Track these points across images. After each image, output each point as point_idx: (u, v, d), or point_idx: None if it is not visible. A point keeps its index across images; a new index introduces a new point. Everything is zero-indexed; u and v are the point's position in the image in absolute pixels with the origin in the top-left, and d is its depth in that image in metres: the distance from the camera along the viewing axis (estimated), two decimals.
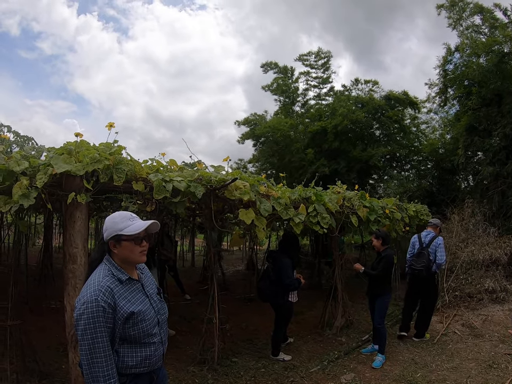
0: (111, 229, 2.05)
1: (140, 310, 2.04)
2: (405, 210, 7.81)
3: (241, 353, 5.05)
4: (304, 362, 4.84)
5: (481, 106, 11.10)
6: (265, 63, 16.67)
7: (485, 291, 7.29)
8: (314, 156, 13.77)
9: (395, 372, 4.52)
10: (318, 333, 5.93)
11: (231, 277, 11.51)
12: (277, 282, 4.81)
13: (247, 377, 4.34)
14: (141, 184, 3.59)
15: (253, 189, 4.17)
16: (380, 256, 5.01)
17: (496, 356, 4.92)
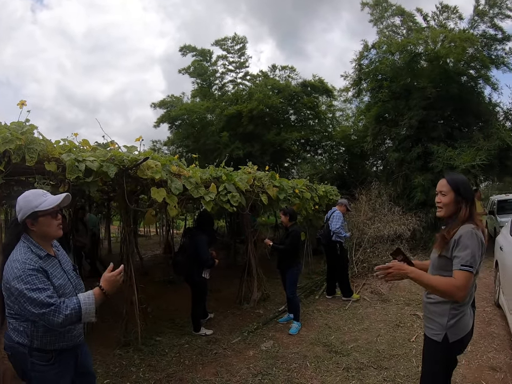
0: (26, 208, 2.05)
1: (60, 284, 2.09)
2: (315, 191, 8.33)
3: (164, 332, 5.10)
4: (226, 335, 5.02)
5: (390, 99, 12.22)
6: (184, 46, 16.52)
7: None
8: (229, 139, 14.03)
9: (311, 336, 4.84)
10: (237, 307, 6.17)
11: (149, 262, 11.47)
12: (193, 258, 4.99)
13: (172, 353, 4.41)
14: (54, 164, 3.46)
15: (165, 168, 4.23)
16: (287, 232, 5.33)
17: (402, 316, 5.42)
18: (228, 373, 3.94)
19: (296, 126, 15.94)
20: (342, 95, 15.77)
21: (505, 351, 4.10)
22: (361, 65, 13.02)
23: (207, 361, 4.23)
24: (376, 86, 12.68)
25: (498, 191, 26.19)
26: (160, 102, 16.49)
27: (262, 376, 3.81)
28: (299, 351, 4.40)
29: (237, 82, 16.77)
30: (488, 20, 11.47)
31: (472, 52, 11.07)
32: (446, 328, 2.12)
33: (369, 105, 13.89)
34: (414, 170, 11.25)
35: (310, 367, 3.99)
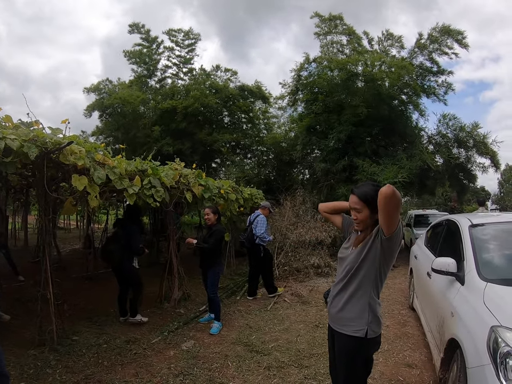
0: None
1: None
2: (240, 193, 8.43)
3: (82, 331, 4.83)
4: (146, 335, 4.87)
5: (323, 112, 12.77)
6: (134, 23, 15.79)
7: (311, 266, 8.46)
8: (161, 134, 13.80)
9: (232, 336, 4.84)
10: (157, 307, 6.01)
11: (67, 256, 10.96)
12: (125, 247, 5.11)
13: (90, 354, 4.19)
14: None
15: (89, 156, 4.02)
16: (211, 231, 5.28)
17: (321, 318, 5.59)
18: (148, 373, 3.81)
19: (229, 128, 15.98)
20: (278, 103, 16.17)
21: (419, 350, 4.38)
22: (300, 76, 13.38)
23: (127, 362, 4.07)
24: (311, 98, 13.09)
25: (416, 206, 28.40)
26: (94, 86, 15.65)
27: (184, 376, 3.73)
28: (220, 351, 4.38)
29: (178, 77, 16.44)
30: (427, 53, 12.42)
31: (407, 79, 11.90)
32: (368, 323, 2.18)
33: (302, 115, 14.27)
34: (339, 181, 11.83)
35: (231, 366, 3.98)
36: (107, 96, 15.15)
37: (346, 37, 13.32)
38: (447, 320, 3.02)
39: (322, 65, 12.70)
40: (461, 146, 12.11)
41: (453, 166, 12.09)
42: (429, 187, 13.18)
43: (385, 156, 11.71)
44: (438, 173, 11.93)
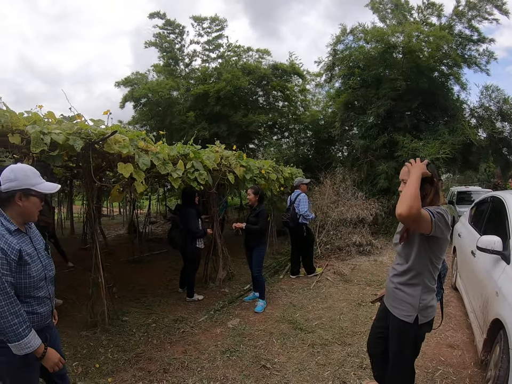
0: (22, 181, 1.97)
1: (28, 252, 2.00)
2: (281, 172, 8.39)
3: (131, 312, 5.07)
4: (192, 314, 5.04)
5: (360, 87, 12.42)
6: (154, 12, 15.89)
7: (352, 244, 8.38)
8: (196, 119, 13.84)
9: (276, 314, 4.93)
10: (203, 286, 6.19)
11: (113, 241, 11.31)
12: (185, 231, 5.44)
13: (140, 333, 4.39)
14: (18, 136, 3.32)
15: (132, 143, 4.11)
16: (254, 211, 5.34)
17: (364, 296, 5.60)
18: (196, 350, 3.96)
19: (265, 108, 15.85)
20: (315, 80, 15.88)
21: (462, 330, 4.32)
22: (336, 50, 13.07)
23: (175, 340, 4.24)
24: (348, 73, 12.80)
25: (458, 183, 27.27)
26: (124, 80, 15.97)
27: (230, 353, 3.86)
28: (265, 329, 4.48)
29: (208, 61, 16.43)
30: (466, 21, 11.80)
31: (446, 50, 11.39)
32: (418, 310, 2.22)
33: (339, 91, 14.00)
34: (378, 158, 11.57)
35: (276, 343, 4.08)
36: (137, 87, 15.41)
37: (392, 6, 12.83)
38: (492, 300, 2.95)
39: (357, 37, 12.38)
40: (505, 119, 11.47)
41: (497, 141, 11.48)
42: (472, 163, 12.51)
43: (426, 131, 11.36)
44: (481, 148, 11.33)
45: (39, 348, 1.95)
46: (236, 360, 3.72)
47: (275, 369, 3.53)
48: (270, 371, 3.50)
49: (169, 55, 16.12)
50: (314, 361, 3.66)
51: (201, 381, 3.35)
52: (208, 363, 3.68)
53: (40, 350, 1.97)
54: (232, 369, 3.55)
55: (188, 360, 3.73)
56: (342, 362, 3.62)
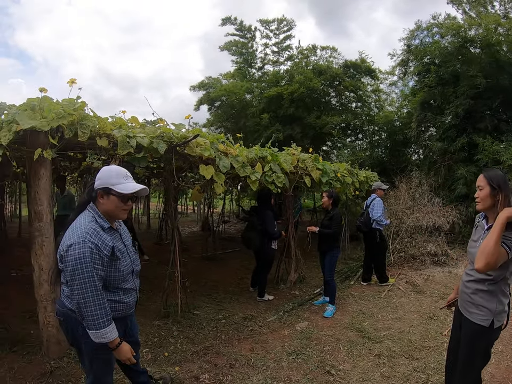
0: (104, 179, 2.12)
1: (120, 248, 2.17)
2: (356, 176, 8.22)
3: (202, 307, 5.28)
4: (262, 313, 5.14)
5: (437, 85, 11.65)
6: (226, 17, 16.24)
7: (427, 254, 7.99)
8: (270, 121, 13.92)
9: (345, 321, 4.89)
10: (273, 287, 6.26)
11: (187, 238, 11.70)
12: (263, 232, 5.54)
13: (209, 327, 4.56)
14: (105, 140, 3.58)
15: (213, 146, 4.28)
16: (329, 215, 5.32)
17: (435, 309, 5.35)
18: (263, 349, 4.04)
19: (338, 109, 15.57)
20: (388, 78, 15.46)
21: None
22: (409, 45, 12.56)
23: (243, 337, 4.35)
24: (423, 69, 12.16)
25: None
26: (199, 84, 16.46)
27: (296, 355, 3.89)
28: (333, 334, 4.46)
29: (279, 63, 16.48)
30: None
31: None
32: (494, 314, 2.24)
33: (414, 90, 13.35)
34: (457, 161, 10.85)
35: (342, 350, 4.05)
36: (212, 90, 15.75)
37: None
38: None
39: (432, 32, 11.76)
40: None
41: None
42: None
43: (507, 132, 10.55)
44: None
45: (114, 340, 2.09)
46: (301, 363, 3.74)
47: (339, 376, 3.51)
48: (333, 377, 3.48)
49: (242, 58, 16.45)
50: (379, 373, 3.58)
51: (265, 380, 3.42)
52: (274, 363, 3.74)
53: (115, 343, 2.10)
54: (296, 371, 3.58)
55: (254, 358, 3.81)
56: (407, 377, 3.51)
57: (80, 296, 1.96)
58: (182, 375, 3.46)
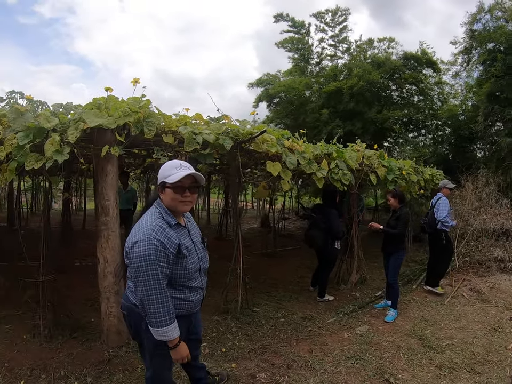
0: (160, 175, 2.16)
1: (187, 246, 2.17)
2: (421, 174, 7.86)
3: (262, 304, 5.29)
4: (321, 314, 5.08)
5: (504, 74, 10.83)
6: (278, 14, 16.12)
7: (494, 259, 7.43)
8: (329, 117, 13.66)
9: (406, 327, 4.72)
10: (334, 288, 6.15)
11: (246, 234, 11.74)
12: (327, 231, 5.39)
13: (268, 326, 4.57)
14: (171, 137, 3.67)
15: (279, 143, 4.25)
16: (396, 214, 5.11)
17: (501, 321, 5.05)
18: (322, 352, 3.99)
19: (399, 103, 15.03)
20: (450, 68, 14.65)
21: None
22: (473, 30, 11.81)
23: (302, 338, 4.31)
24: (489, 58, 11.36)
25: None
26: (257, 80, 16.51)
27: (355, 360, 3.81)
28: (393, 340, 4.32)
29: (337, 57, 16.17)
30: None
31: None
32: None
33: (480, 80, 12.55)
34: None
35: (402, 358, 3.91)
36: (270, 86, 15.70)
37: None
38: None
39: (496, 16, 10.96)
40: None
41: None
42: None
43: None
44: None
45: (174, 340, 2.11)
46: (360, 369, 3.66)
47: None
48: None
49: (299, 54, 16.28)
50: None
51: (322, 383, 3.37)
52: (332, 366, 3.68)
53: (174, 342, 2.12)
54: (354, 377, 3.51)
55: (312, 360, 3.77)
56: None
57: (143, 293, 2.00)
58: (239, 372, 3.49)
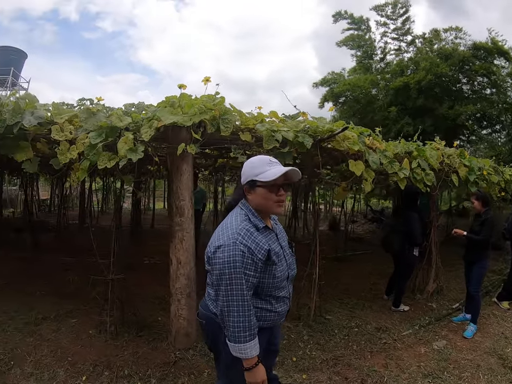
0: (247, 173, 1.94)
1: (276, 251, 1.95)
2: (501, 174, 7.17)
3: (334, 311, 5.06)
4: (396, 325, 4.77)
5: None
6: (337, 13, 15.62)
7: None
8: (398, 114, 13.05)
9: (486, 344, 4.30)
10: (409, 297, 5.73)
11: None
12: (405, 236, 5.03)
13: (341, 335, 4.34)
14: (248, 134, 3.55)
15: (360, 140, 3.97)
16: (480, 219, 4.65)
17: None
18: (397, 367, 3.72)
19: (470, 97, 13.98)
20: None
21: None
22: None
23: (376, 350, 4.06)
24: None
25: None
26: (321, 80, 16.03)
27: (432, 379, 3.51)
28: (472, 359, 3.94)
29: (401, 50, 15.41)
30: None
31: None
32: None
33: None
34: None
35: (482, 379, 3.55)
36: (335, 85, 15.22)
37: None
38: None
39: None
40: None
41: None
42: None
43: None
44: None
45: (252, 359, 1.87)
46: None
47: None
48: None
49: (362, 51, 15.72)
50: None
51: None
52: None
53: (251, 363, 1.88)
54: None
55: (387, 376, 3.52)
56: None
57: (224, 303, 1.80)
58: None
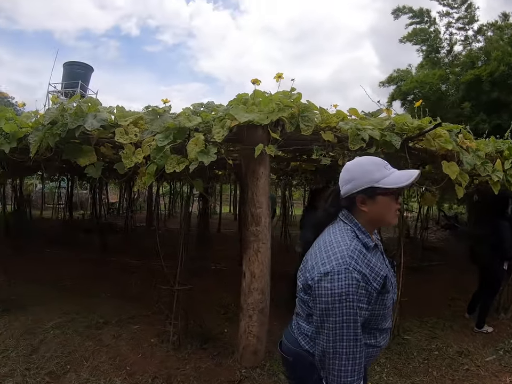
0: (361, 179, 1.52)
1: (389, 277, 1.55)
2: None
3: (412, 330, 4.57)
4: (479, 349, 4.22)
5: None
6: (397, 8, 14.80)
7: None
8: (472, 110, 12.07)
9: None
10: (492, 316, 5.07)
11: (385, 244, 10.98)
12: (495, 247, 4.44)
13: (420, 359, 3.88)
14: (330, 133, 3.18)
15: (452, 138, 3.46)
16: None
17: None
18: None
19: None
20: None
21: None
22: None
23: (458, 378, 3.58)
24: None
25: None
26: (388, 78, 15.32)
27: None
28: None
29: (469, 42, 14.36)
30: None
31: None
32: None
33: None
34: None
35: None
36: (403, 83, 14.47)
37: None
38: None
39: None
40: None
41: None
42: None
43: None
44: None
45: None
46: None
47: None
48: None
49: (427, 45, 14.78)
50: None
51: None
52: None
53: None
54: None
55: None
56: None
57: (330, 344, 1.39)
58: None
